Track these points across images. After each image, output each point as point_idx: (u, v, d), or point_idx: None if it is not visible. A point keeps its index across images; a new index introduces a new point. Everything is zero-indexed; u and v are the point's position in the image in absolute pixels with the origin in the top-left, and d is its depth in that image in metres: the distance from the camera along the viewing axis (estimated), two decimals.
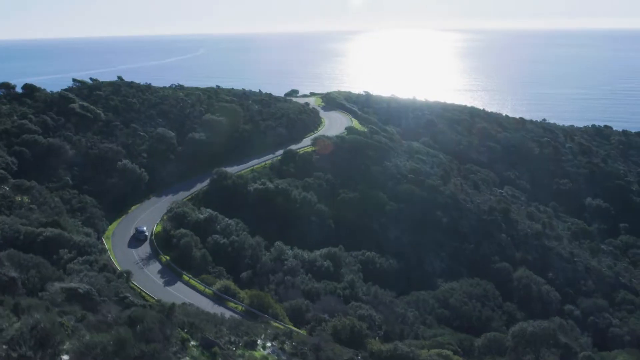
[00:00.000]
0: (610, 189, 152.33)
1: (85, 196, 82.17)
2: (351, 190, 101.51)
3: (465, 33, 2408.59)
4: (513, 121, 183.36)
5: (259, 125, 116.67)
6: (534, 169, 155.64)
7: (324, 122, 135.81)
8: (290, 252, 78.95)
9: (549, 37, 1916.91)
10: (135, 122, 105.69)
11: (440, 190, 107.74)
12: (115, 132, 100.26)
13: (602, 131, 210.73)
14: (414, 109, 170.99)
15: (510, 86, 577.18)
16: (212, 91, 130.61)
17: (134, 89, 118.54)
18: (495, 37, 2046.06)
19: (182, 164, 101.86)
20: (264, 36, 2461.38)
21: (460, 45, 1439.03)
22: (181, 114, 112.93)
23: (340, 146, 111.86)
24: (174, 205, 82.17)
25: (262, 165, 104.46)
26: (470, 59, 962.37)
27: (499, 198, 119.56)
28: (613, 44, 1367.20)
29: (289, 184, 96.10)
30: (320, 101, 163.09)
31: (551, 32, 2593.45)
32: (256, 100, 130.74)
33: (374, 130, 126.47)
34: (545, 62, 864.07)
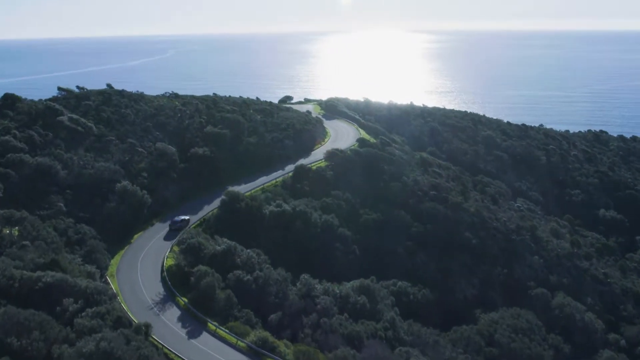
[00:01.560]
0: (622, 198, 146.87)
1: (82, 225, 71.76)
2: (372, 210, 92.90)
3: (436, 34, 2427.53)
4: (515, 128, 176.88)
5: (264, 137, 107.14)
6: (543, 179, 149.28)
7: (329, 133, 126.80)
8: (319, 287, 69.92)
9: (521, 38, 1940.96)
10: (131, 136, 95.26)
11: (464, 208, 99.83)
12: (110, 148, 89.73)
13: (599, 137, 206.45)
14: (415, 116, 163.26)
15: (483, 88, 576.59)
16: (211, 100, 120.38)
17: (126, 99, 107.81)
18: (466, 38, 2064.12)
19: (186, 183, 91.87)
20: (234, 37, 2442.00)
21: (431, 46, 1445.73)
22: (180, 126, 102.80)
23: (354, 161, 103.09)
24: (187, 235, 72.31)
25: (273, 183, 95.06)
26: (442, 60, 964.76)
27: (522, 214, 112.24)
28: (586, 46, 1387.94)
29: (306, 205, 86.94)
30: (319, 108, 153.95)
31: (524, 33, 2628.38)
32: (258, 110, 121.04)
33: (384, 141, 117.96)
34: (520, 64, 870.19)
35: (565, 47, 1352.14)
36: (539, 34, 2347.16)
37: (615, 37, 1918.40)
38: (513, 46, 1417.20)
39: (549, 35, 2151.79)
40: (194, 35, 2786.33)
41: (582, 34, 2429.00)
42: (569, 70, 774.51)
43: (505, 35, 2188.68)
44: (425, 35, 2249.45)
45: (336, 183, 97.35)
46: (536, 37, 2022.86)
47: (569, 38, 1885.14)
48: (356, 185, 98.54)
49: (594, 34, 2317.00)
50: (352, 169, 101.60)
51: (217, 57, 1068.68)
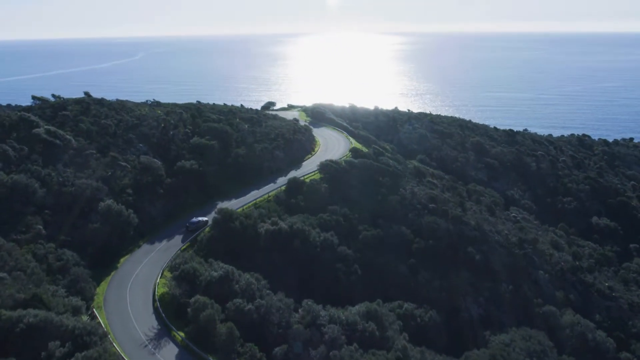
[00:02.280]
0: (613, 206, 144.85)
1: (64, 251, 65.54)
2: (371, 226, 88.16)
3: (406, 36, 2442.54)
4: (503, 134, 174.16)
5: (253, 148, 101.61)
6: (534, 187, 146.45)
7: (319, 142, 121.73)
8: (324, 314, 64.83)
9: (491, 40, 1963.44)
10: (113, 149, 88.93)
11: (465, 222, 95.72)
12: (91, 163, 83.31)
13: (583, 141, 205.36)
14: (402, 123, 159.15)
15: (455, 90, 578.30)
16: (195, 109, 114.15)
17: (106, 108, 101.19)
18: (434, 39, 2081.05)
19: (173, 199, 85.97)
20: (204, 38, 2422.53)
21: (402, 48, 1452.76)
22: (164, 138, 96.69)
23: (349, 172, 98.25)
24: (179, 259, 66.64)
25: (266, 198, 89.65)
26: (412, 61, 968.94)
27: (520, 225, 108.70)
28: (555, 48, 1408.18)
29: (303, 222, 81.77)
30: (304, 115, 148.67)
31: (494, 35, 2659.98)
32: (244, 118, 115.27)
33: (377, 150, 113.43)
34: (491, 66, 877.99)
35: (535, 49, 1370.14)
36: (508, 36, 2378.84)
37: (583, 39, 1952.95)
38: (483, 48, 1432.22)
39: (519, 38, 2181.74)
40: (163, 37, 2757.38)
41: (551, 36, 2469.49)
42: (540, 72, 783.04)
43: (475, 37, 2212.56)
44: (396, 37, 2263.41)
45: (332, 197, 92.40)
46: (506, 39, 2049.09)
47: (538, 40, 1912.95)
48: (352, 199, 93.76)
49: (563, 36, 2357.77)
50: (347, 182, 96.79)
51: (187, 59, 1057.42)
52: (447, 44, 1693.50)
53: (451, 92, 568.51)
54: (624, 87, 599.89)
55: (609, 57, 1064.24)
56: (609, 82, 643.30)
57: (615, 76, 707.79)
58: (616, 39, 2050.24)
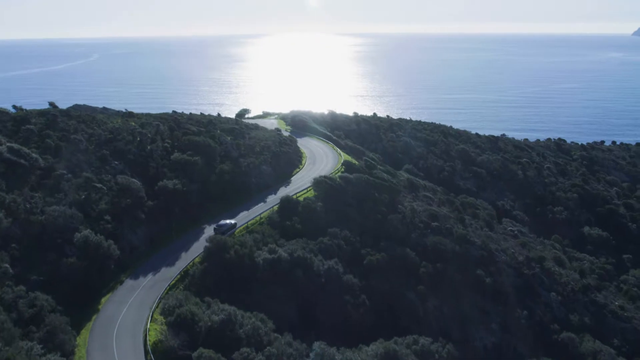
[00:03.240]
0: (602, 214, 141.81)
1: (37, 295, 56.01)
2: (374, 249, 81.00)
3: (363, 37, 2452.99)
4: (485, 140, 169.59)
5: (239, 163, 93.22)
6: (523, 196, 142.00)
7: (305, 154, 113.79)
8: (339, 357, 57.31)
9: (447, 41, 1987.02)
10: (86, 168, 79.30)
11: (470, 241, 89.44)
12: (62, 185, 73.57)
13: (561, 146, 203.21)
14: (385, 130, 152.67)
15: (416, 91, 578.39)
16: (172, 119, 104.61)
17: (75, 120, 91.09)
18: (393, 40, 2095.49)
19: (155, 224, 76.96)
20: (159, 40, 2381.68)
21: (359, 49, 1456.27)
22: (142, 154, 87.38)
23: (345, 189, 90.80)
24: (172, 300, 57.91)
25: (258, 220, 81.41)
26: (370, 63, 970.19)
27: (522, 241, 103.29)
28: (511, 48, 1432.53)
29: (303, 248, 73.98)
30: (284, 124, 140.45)
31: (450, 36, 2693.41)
32: (226, 130, 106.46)
33: (369, 163, 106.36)
34: (450, 67, 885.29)
35: (494, 50, 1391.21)
36: (468, 37, 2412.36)
37: (539, 41, 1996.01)
38: (443, 49, 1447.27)
39: (478, 39, 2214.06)
40: (119, 39, 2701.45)
41: (509, 37, 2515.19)
42: (500, 73, 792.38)
43: (435, 39, 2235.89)
44: (352, 39, 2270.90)
45: (328, 217, 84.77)
46: (466, 40, 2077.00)
47: (497, 41, 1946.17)
48: (351, 219, 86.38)
49: (520, 37, 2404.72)
50: (343, 199, 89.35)
51: (146, 61, 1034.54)
52: (407, 45, 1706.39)
53: (414, 94, 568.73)
54: (581, 88, 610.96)
55: (565, 59, 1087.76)
56: (568, 84, 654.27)
57: (573, 77, 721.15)
58: (571, 40, 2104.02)
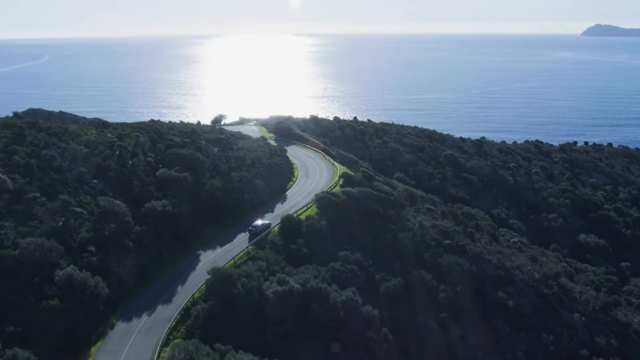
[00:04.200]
0: (596, 220, 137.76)
1: (15, 351, 46.28)
2: (389, 273, 73.46)
3: (320, 37, 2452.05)
4: (471, 144, 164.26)
5: (230, 178, 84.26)
6: (515, 203, 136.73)
7: (295, 165, 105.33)
8: None
9: (404, 41, 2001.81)
10: (62, 189, 69.15)
11: (486, 259, 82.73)
12: (35, 211, 63.37)
13: (541, 148, 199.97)
14: (371, 136, 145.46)
15: (376, 92, 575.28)
16: (152, 129, 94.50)
17: (44, 133, 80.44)
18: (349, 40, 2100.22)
19: (145, 252, 67.49)
20: (113, 40, 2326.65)
21: (316, 49, 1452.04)
22: (123, 170, 77.51)
23: (349, 206, 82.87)
24: (179, 352, 48.79)
25: (257, 244, 72.57)
26: (329, 63, 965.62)
27: (532, 255, 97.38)
28: (467, 48, 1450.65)
29: (315, 276, 65.75)
30: (265, 131, 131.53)
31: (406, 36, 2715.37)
32: (211, 140, 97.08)
33: (367, 174, 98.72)
34: (408, 67, 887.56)
35: (449, 50, 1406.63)
36: (424, 37, 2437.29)
37: (494, 40, 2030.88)
38: (397, 49, 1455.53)
39: (434, 39, 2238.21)
40: (70, 40, 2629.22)
41: (464, 37, 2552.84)
42: (456, 73, 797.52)
43: (388, 39, 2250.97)
44: (308, 39, 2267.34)
45: (335, 238, 76.82)
46: (422, 40, 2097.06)
47: (452, 42, 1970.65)
48: (359, 239, 78.66)
49: (475, 37, 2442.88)
50: (348, 217, 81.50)
51: (99, 62, 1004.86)
52: (363, 45, 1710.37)
53: (374, 95, 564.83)
54: (539, 87, 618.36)
55: (519, 58, 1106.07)
56: (525, 83, 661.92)
57: (529, 77, 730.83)
58: (523, 40, 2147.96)
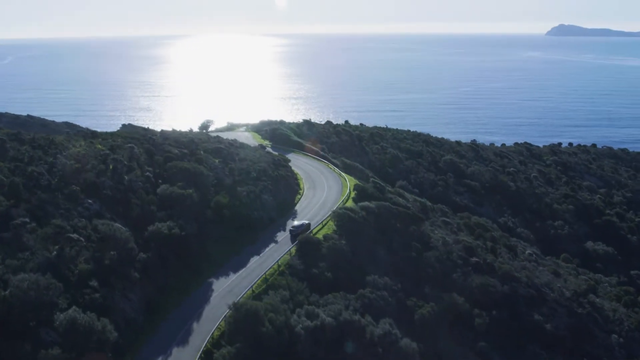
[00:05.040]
0: (600, 226, 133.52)
1: None
2: (419, 298, 66.74)
3: (286, 38, 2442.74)
4: (467, 148, 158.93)
5: (237, 194, 76.53)
6: (520, 210, 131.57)
7: (299, 176, 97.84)
8: None
9: (374, 41, 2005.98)
10: (53, 212, 60.57)
11: (516, 277, 76.66)
12: (25, 239, 54.78)
13: (532, 150, 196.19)
14: (367, 141, 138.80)
15: (349, 93, 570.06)
16: (145, 139, 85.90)
17: (28, 145, 71.46)
18: (317, 41, 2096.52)
19: (151, 283, 59.44)
20: (76, 41, 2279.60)
21: (284, 50, 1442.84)
22: (120, 187, 69.14)
23: (369, 222, 75.95)
24: None
25: (276, 269, 65.17)
26: (297, 63, 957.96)
27: (554, 269, 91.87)
28: (439, 48, 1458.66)
29: (345, 307, 58.58)
30: (259, 137, 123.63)
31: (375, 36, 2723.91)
32: (210, 150, 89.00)
33: (378, 185, 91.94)
34: (380, 67, 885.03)
35: (419, 50, 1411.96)
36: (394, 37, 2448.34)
37: (464, 40, 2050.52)
38: (369, 49, 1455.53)
39: (405, 39, 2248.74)
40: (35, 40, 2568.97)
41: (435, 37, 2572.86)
42: (429, 73, 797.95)
43: (359, 39, 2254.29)
44: (277, 39, 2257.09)
45: (357, 259, 69.90)
46: (392, 40, 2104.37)
47: (423, 42, 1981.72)
48: (382, 259, 71.90)
49: (440, 37, 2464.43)
50: (369, 234, 74.61)
51: (65, 63, 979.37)
52: (335, 45, 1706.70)
53: (349, 95, 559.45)
54: (513, 87, 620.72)
55: (489, 58, 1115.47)
56: (497, 83, 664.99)
57: (501, 76, 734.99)
58: (490, 40, 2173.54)
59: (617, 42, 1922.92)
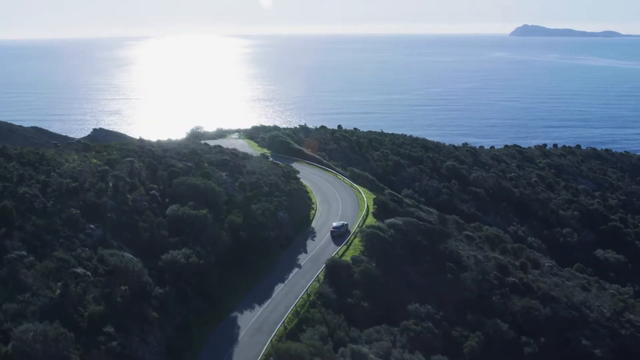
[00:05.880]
0: (607, 233, 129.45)
1: None
2: (464, 327, 60.37)
3: (253, 39, 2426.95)
4: (466, 153, 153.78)
5: (251, 212, 68.94)
6: (526, 218, 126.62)
7: (309, 189, 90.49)
8: None
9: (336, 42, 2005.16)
10: (52, 241, 52.27)
11: (555, 297, 71.00)
12: (23, 277, 46.56)
13: (523, 152, 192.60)
14: (367, 147, 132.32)
15: (318, 93, 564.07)
16: (144, 151, 77.39)
17: (16, 162, 62.59)
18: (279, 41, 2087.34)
19: (170, 323, 51.56)
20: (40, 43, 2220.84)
21: (251, 51, 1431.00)
22: (124, 209, 61.02)
23: (399, 242, 69.32)
24: None
25: (305, 299, 57.95)
26: (264, 64, 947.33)
27: (580, 283, 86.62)
28: (402, 49, 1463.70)
29: (391, 343, 51.86)
30: (256, 145, 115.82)
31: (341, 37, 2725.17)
32: (214, 162, 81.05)
33: (395, 198, 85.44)
34: (351, 68, 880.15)
35: (385, 50, 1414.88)
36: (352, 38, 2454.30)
37: (424, 40, 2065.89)
38: (335, 50, 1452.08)
39: (365, 39, 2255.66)
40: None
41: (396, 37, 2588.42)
42: (398, 73, 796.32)
43: (324, 40, 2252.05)
44: (243, 40, 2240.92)
45: (390, 283, 63.24)
46: (354, 41, 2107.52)
47: (385, 42, 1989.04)
48: (416, 283, 65.30)
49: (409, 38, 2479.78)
50: (399, 255, 67.94)
51: (26, 65, 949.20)
52: (300, 46, 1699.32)
53: (321, 96, 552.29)
54: (482, 88, 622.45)
55: (456, 58, 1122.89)
56: (467, 83, 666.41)
57: (470, 77, 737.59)
58: (455, 40, 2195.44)
59: (579, 42, 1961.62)
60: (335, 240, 70.51)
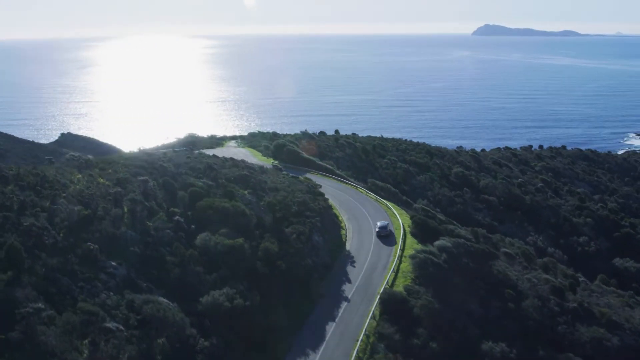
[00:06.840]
0: (620, 240, 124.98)
1: None
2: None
3: (217, 39, 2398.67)
4: (469, 157, 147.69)
5: (286, 238, 60.52)
6: (540, 227, 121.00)
7: (333, 205, 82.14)
8: None
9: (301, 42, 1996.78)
10: (69, 286, 43.23)
11: (619, 323, 64.66)
12: (44, 339, 37.40)
13: (517, 155, 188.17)
14: (374, 154, 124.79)
15: (290, 94, 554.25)
16: (153, 167, 67.95)
17: (14, 185, 52.85)
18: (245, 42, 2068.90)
19: None
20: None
21: (215, 51, 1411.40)
22: (146, 240, 51.89)
23: (450, 267, 61.89)
24: None
25: (365, 342, 50.09)
26: (231, 65, 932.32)
27: (624, 300, 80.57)
28: (370, 49, 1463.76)
29: None
30: (260, 154, 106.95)
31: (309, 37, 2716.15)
32: (233, 179, 72.05)
33: (429, 213, 78.03)
34: (322, 68, 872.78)
35: (352, 50, 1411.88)
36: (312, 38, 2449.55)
37: (389, 40, 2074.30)
38: (301, 50, 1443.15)
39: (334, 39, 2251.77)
40: None
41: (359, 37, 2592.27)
42: (367, 73, 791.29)
43: (289, 40, 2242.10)
44: (206, 41, 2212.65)
45: (456, 319, 55.52)
46: (323, 40, 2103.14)
47: (353, 42, 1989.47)
48: (476, 314, 57.92)
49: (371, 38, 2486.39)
50: (453, 283, 60.48)
51: None
52: (264, 46, 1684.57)
53: (294, 97, 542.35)
54: (453, 88, 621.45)
55: (422, 58, 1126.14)
56: (437, 83, 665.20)
57: (438, 76, 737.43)
58: (418, 40, 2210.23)
59: (540, 41, 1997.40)
60: (382, 240, 69.24)
